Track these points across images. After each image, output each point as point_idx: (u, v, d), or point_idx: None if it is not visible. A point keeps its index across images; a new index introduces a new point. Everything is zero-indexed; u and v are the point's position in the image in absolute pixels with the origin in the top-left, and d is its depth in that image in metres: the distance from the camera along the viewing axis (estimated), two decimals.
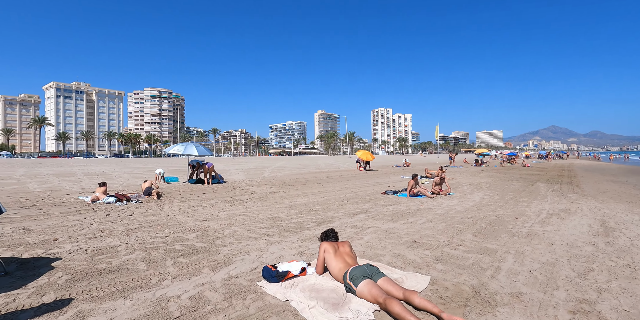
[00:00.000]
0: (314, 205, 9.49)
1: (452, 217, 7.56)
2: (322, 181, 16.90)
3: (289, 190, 13.22)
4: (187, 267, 4.44)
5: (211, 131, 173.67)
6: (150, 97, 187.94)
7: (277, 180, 17.12)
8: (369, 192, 12.61)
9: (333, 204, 9.69)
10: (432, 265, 4.33)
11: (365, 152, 25.53)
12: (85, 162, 49.53)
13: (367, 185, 15.26)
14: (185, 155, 14.41)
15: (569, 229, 6.27)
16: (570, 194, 11.87)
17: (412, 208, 8.87)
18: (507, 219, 7.30)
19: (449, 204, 9.48)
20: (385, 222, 7.02)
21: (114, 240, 5.77)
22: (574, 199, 10.50)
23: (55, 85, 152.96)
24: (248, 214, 8.11)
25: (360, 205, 9.33)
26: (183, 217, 7.78)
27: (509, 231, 6.13)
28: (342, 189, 13.71)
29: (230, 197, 11.26)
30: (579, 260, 4.51)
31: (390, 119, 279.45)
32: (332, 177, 19.33)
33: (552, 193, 12.17)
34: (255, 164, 39.64)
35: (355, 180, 17.42)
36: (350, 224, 6.88)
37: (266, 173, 22.52)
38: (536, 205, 9.28)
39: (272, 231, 6.36)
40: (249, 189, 13.56)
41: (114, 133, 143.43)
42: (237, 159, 67.56)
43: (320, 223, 7.04)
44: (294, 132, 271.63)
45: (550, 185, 15.25)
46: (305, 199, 10.81)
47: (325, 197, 11.24)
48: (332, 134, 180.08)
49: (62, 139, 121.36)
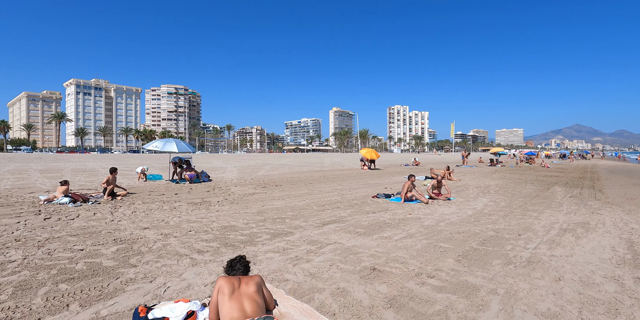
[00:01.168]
0: (287, 210, 8.27)
1: (439, 231, 6.20)
2: (316, 181, 15.65)
3: (273, 191, 12.04)
4: (59, 298, 3.38)
5: (225, 128, 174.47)
6: (167, 93, 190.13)
7: (268, 180, 15.97)
8: (359, 194, 11.30)
9: (309, 209, 8.44)
10: (379, 313, 3.05)
11: (370, 150, 24.11)
12: (94, 157, 49.75)
13: (362, 186, 13.93)
14: (163, 151, 13.39)
15: (585, 254, 4.83)
16: (591, 201, 10.25)
17: (398, 217, 7.53)
18: (507, 235, 5.90)
19: (443, 213, 8.10)
20: (355, 237, 5.74)
21: (15, 254, 4.80)
22: (595, 208, 8.93)
23: (75, 82, 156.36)
24: (203, 221, 6.96)
25: (338, 212, 8.05)
26: (126, 224, 6.70)
27: (505, 255, 4.75)
28: (332, 190, 12.44)
29: (202, 198, 10.15)
30: (595, 311, 3.14)
31: (407, 116, 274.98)
32: (329, 177, 18.05)
33: (569, 200, 10.57)
34: (258, 161, 38.63)
35: (352, 181, 16.09)
36: (310, 238, 5.63)
37: (262, 171, 21.42)
38: (548, 216, 7.79)
39: (210, 246, 5.18)
40: (230, 189, 12.45)
41: (130, 129, 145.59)
42: (242, 156, 66.97)
43: (276, 235, 5.82)
44: (309, 129, 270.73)
45: (569, 189, 13.57)
46: (282, 202, 9.60)
47: (306, 200, 10.01)
48: (345, 131, 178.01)
49: (81, 134, 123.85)
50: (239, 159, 46.60)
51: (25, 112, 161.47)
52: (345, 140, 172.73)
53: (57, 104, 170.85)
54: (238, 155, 70.02)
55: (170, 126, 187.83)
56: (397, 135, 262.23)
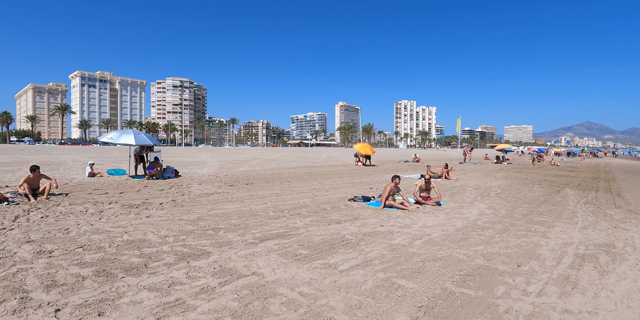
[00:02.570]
0: (233, 217, 6.68)
1: (409, 255, 4.57)
2: (296, 179, 14.04)
3: (238, 190, 10.46)
4: None
5: (230, 121, 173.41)
6: (172, 86, 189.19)
7: (243, 177, 14.40)
8: (336, 196, 9.67)
9: (261, 216, 6.85)
10: None
11: (365, 145, 22.41)
12: (80, 150, 48.72)
13: (345, 185, 12.29)
14: (118, 144, 11.84)
15: (618, 309, 3.15)
16: (611, 209, 8.51)
17: (365, 230, 5.90)
18: (502, 265, 4.24)
19: (425, 224, 6.44)
20: (289, 264, 4.14)
21: None
22: (617, 221, 7.20)
23: (80, 74, 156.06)
24: (113, 232, 5.40)
25: (294, 222, 6.45)
26: (14, 234, 5.21)
27: (493, 309, 3.09)
28: (308, 190, 10.83)
29: (145, 199, 8.62)
30: None
31: (414, 111, 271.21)
32: (315, 173, 16.43)
33: (584, 207, 8.83)
34: (249, 155, 36.93)
35: (338, 178, 14.46)
36: (225, 265, 4.03)
37: (245, 167, 19.86)
38: (559, 232, 6.09)
39: (74, 275, 3.62)
40: (190, 187, 10.89)
41: (134, 121, 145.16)
42: (236, 150, 65.43)
43: (183, 257, 4.23)
44: (314, 124, 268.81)
45: (583, 192, 11.79)
46: (237, 205, 8.02)
47: (268, 203, 8.42)
48: (349, 126, 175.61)
49: (84, 126, 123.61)
50: (231, 152, 45.10)
51: (31, 103, 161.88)
52: (349, 135, 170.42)
53: (63, 96, 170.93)
54: (233, 149, 68.42)
55: (175, 119, 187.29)
56: (403, 131, 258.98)
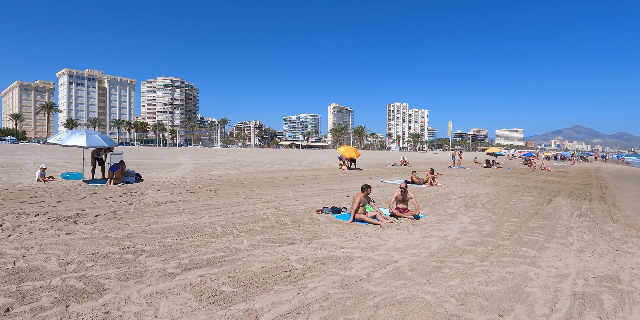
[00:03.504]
0: (173, 233, 5.61)
1: (362, 296, 3.54)
2: (268, 184, 12.96)
3: (198, 198, 9.37)
4: None
5: (220, 122, 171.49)
6: (163, 86, 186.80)
7: (214, 181, 13.29)
8: (304, 206, 8.64)
9: (205, 233, 5.78)
10: None
11: (349, 148, 21.42)
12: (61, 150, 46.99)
13: (320, 192, 11.27)
14: (66, 145, 10.61)
15: None
16: (608, 224, 7.60)
17: (318, 254, 4.87)
18: (478, 314, 3.23)
19: (394, 246, 5.44)
20: (194, 313, 3.08)
21: None
22: (617, 240, 6.28)
23: (68, 72, 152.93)
24: None
25: (240, 240, 5.40)
26: None
27: None
28: (276, 198, 9.78)
29: (83, 209, 7.49)
30: None
31: (407, 114, 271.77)
32: (292, 178, 15.37)
33: (578, 221, 7.92)
34: (233, 157, 35.58)
35: (315, 184, 13.42)
36: (95, 318, 2.97)
37: (221, 170, 18.72)
38: (552, 257, 5.13)
39: None
40: (146, 194, 9.76)
41: (122, 121, 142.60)
42: (220, 151, 64.05)
43: (64, 299, 3.15)
44: (307, 125, 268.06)
45: (576, 202, 10.92)
46: (187, 217, 6.95)
47: (224, 215, 7.35)
48: (341, 128, 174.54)
49: (70, 125, 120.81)
50: (214, 154, 43.75)
51: (17, 101, 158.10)
52: (340, 137, 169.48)
53: (50, 94, 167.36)
54: (217, 150, 66.78)
55: (165, 119, 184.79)
56: (396, 133, 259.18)
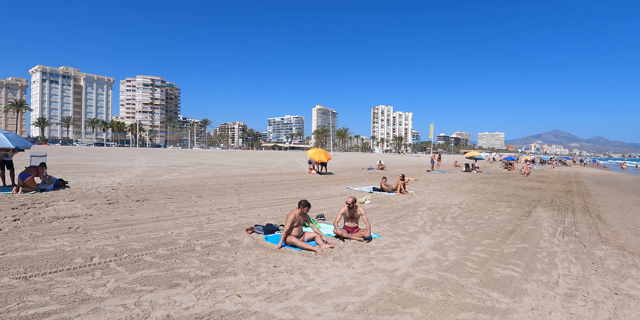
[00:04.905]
0: (19, 269, 3.96)
1: None
2: (215, 192, 11.29)
3: (113, 211, 7.66)
4: None
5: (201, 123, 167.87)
6: (143, 85, 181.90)
7: (153, 188, 11.54)
8: (237, 223, 7.07)
9: (75, 264, 4.14)
10: None
11: (319, 151, 19.92)
12: None
13: (268, 203, 9.70)
14: None
15: None
16: (598, 247, 6.31)
17: (197, 310, 3.31)
18: None
19: (314, 292, 3.92)
20: None
21: None
22: (613, 272, 4.93)
23: (41, 69, 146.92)
24: None
25: (102, 280, 3.79)
26: None
27: None
28: (210, 211, 8.16)
29: None
30: None
31: (391, 116, 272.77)
32: (247, 184, 13.74)
33: (563, 242, 6.60)
34: (199, 159, 33.31)
35: (269, 192, 11.84)
36: None
37: (174, 174, 16.91)
38: (530, 308, 3.70)
39: None
40: (53, 206, 8.00)
41: (97, 120, 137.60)
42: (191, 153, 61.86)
43: None
44: (292, 127, 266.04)
45: (558, 214, 9.69)
46: (69, 240, 5.27)
47: (124, 235, 5.71)
48: (323, 130, 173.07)
49: (42, 124, 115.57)
50: (180, 155, 41.63)
51: None
52: (322, 139, 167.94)
53: (22, 92, 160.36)
54: (188, 152, 64.28)
55: (145, 119, 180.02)
56: (380, 135, 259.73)
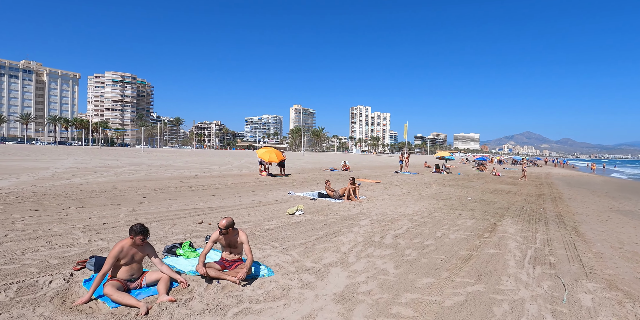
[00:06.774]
0: None
1: None
2: (115, 200, 8.93)
3: None
4: None
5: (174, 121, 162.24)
6: (112, 81, 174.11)
7: (28, 196, 9.06)
8: (84, 249, 4.86)
9: None
10: None
11: (270, 150, 17.77)
12: None
13: (168, 216, 7.49)
14: None
15: None
16: (581, 284, 4.45)
17: None
18: None
19: None
20: None
21: None
22: None
23: None
24: None
25: None
26: None
27: None
28: (65, 231, 5.87)
29: None
30: None
31: (369, 117, 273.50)
32: (168, 189, 11.42)
33: (533, 275, 4.68)
34: (145, 159, 30.21)
35: (183, 200, 9.58)
36: None
37: (94, 175, 14.37)
38: None
39: None
40: None
41: (59, 118, 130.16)
42: (144, 152, 58.62)
43: None
44: (269, 126, 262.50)
45: (528, 228, 7.92)
46: None
47: None
48: (298, 129, 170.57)
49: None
50: (132, 155, 38.51)
51: None
52: (298, 139, 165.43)
53: None
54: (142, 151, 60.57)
55: (114, 117, 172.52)
56: (358, 136, 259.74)
